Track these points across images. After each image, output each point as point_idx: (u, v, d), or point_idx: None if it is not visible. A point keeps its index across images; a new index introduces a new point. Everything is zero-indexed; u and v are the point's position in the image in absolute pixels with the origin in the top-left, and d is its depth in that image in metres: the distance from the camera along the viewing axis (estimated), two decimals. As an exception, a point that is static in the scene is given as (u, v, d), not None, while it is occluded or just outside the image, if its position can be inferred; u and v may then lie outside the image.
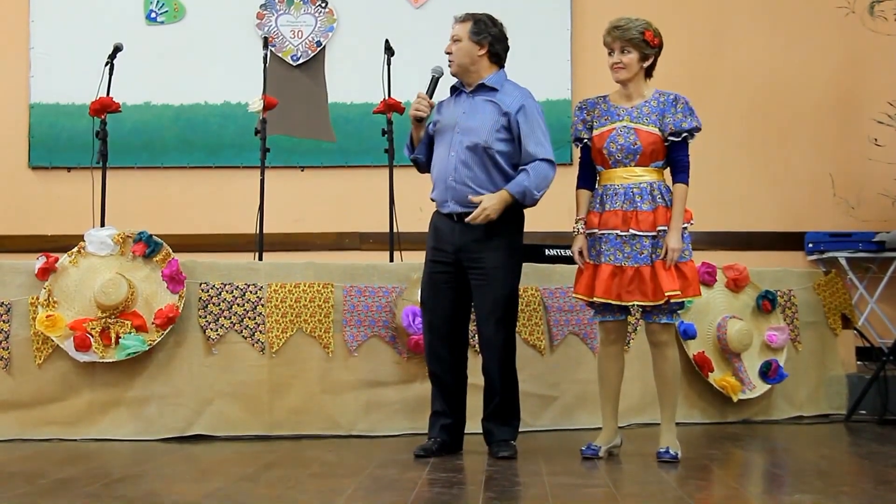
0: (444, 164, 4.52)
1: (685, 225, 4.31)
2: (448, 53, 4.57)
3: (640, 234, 4.26)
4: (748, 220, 7.28)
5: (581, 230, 4.41)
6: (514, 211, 4.51)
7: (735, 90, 7.35)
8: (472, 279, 4.52)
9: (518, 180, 4.45)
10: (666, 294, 4.20)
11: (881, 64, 7.29)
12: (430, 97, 4.57)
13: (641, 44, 4.32)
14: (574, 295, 4.45)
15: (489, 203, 4.38)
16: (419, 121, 4.55)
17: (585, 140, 4.46)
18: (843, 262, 6.98)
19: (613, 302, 4.30)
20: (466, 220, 4.41)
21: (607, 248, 4.30)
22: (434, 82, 4.59)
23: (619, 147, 4.32)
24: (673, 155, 4.35)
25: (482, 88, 4.57)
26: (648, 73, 4.41)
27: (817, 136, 7.36)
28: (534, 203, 4.51)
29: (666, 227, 4.26)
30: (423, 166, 4.70)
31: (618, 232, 4.29)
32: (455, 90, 4.66)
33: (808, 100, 7.37)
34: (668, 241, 4.24)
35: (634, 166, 4.33)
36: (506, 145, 4.50)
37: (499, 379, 4.52)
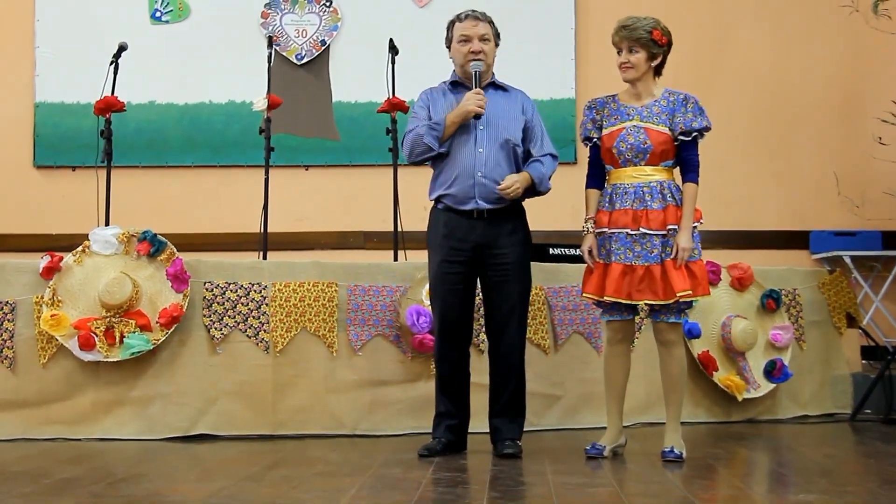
0: (468, 160, 4.49)
1: (695, 224, 4.31)
2: (478, 52, 4.54)
3: (651, 232, 4.25)
4: (752, 218, 7.27)
5: (591, 229, 4.40)
6: (523, 208, 4.61)
7: (739, 89, 7.34)
8: (491, 276, 4.51)
9: (536, 167, 4.54)
10: (677, 294, 4.20)
11: (885, 62, 7.28)
12: None
13: (649, 43, 4.30)
14: (584, 295, 4.43)
15: (518, 179, 4.45)
16: (477, 117, 4.48)
17: (595, 139, 4.45)
18: (848, 260, 6.97)
19: (624, 301, 4.29)
20: (499, 189, 4.42)
21: (617, 247, 4.29)
22: (479, 77, 4.53)
23: (629, 146, 4.31)
24: (683, 154, 4.34)
25: (490, 87, 4.60)
26: (657, 71, 4.41)
27: (821, 135, 7.35)
28: (546, 191, 4.59)
29: (676, 226, 4.25)
30: (433, 158, 4.60)
31: (628, 231, 4.28)
32: (457, 86, 4.64)
33: (812, 98, 7.36)
34: (679, 241, 4.23)
35: (644, 165, 4.32)
36: (523, 143, 4.60)
37: (515, 376, 4.55)
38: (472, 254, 4.50)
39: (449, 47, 4.69)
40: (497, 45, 4.66)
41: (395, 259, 5.78)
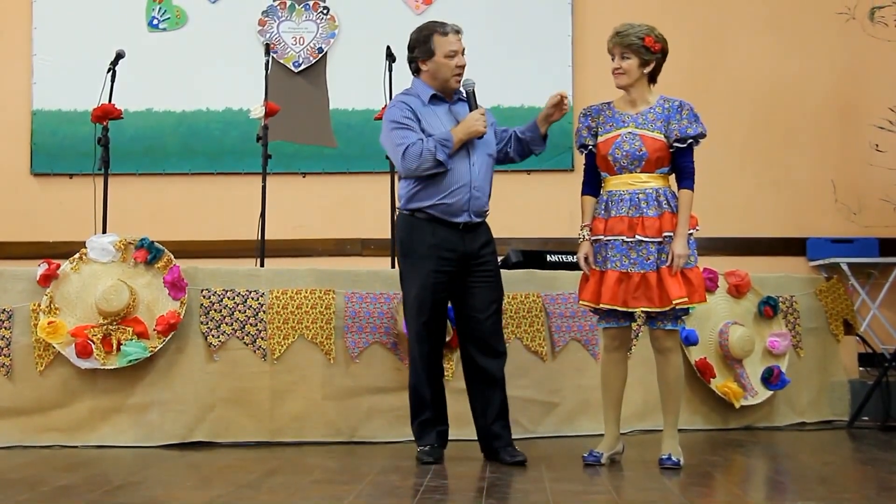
0: (464, 173, 4.49)
1: (691, 231, 4.30)
2: (463, 66, 4.57)
3: (646, 239, 4.25)
4: (750, 225, 7.28)
5: (586, 237, 4.41)
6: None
7: (736, 96, 7.35)
8: (475, 281, 4.53)
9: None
10: (673, 301, 4.19)
11: (882, 69, 7.30)
12: None
13: (641, 50, 4.31)
14: (581, 302, 4.44)
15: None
16: (479, 137, 4.49)
17: (590, 147, 4.46)
18: (845, 267, 6.98)
19: (620, 308, 4.29)
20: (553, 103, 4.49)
21: (613, 254, 4.30)
22: (475, 95, 4.55)
23: (624, 153, 4.32)
24: (678, 161, 4.34)
25: (459, 101, 4.63)
26: (652, 79, 4.40)
27: (819, 142, 7.37)
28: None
29: (672, 234, 4.25)
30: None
31: (624, 238, 4.28)
32: (435, 99, 4.61)
33: (809, 105, 7.37)
34: (674, 248, 4.23)
35: (640, 172, 4.32)
36: (497, 143, 4.70)
37: (503, 381, 4.56)
38: (458, 264, 4.51)
39: (423, 59, 4.61)
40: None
41: (393, 266, 5.77)
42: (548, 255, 5.70)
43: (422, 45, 4.61)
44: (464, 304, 4.57)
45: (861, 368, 6.36)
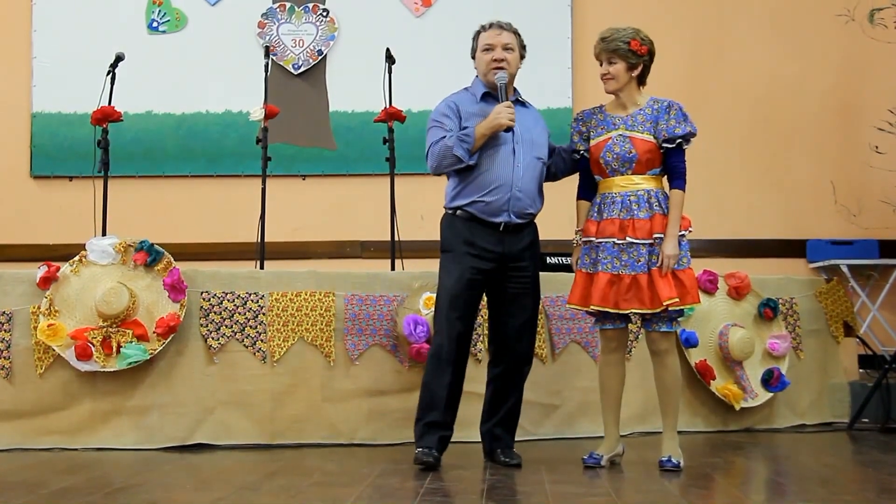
0: (507, 173, 4.44)
1: (683, 232, 4.30)
2: (500, 60, 4.51)
3: (637, 241, 4.25)
4: (750, 227, 7.28)
5: (579, 241, 4.41)
6: (536, 223, 4.62)
7: (736, 98, 7.35)
8: (510, 287, 4.50)
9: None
10: (664, 303, 4.19)
11: (881, 71, 7.30)
12: None
13: (627, 53, 4.31)
14: (568, 305, 4.45)
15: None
16: (508, 130, 4.41)
17: (582, 152, 4.46)
18: (845, 269, 6.98)
19: (611, 310, 4.29)
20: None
21: (604, 256, 4.29)
22: (505, 89, 4.48)
23: (614, 156, 4.32)
24: (668, 162, 4.34)
25: (515, 102, 4.56)
26: (641, 80, 4.40)
27: (818, 144, 7.37)
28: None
29: (662, 235, 4.25)
30: (462, 168, 4.50)
31: (615, 240, 4.28)
32: (487, 97, 4.57)
33: (808, 107, 7.38)
34: (664, 248, 4.22)
35: (631, 174, 4.32)
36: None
37: (520, 388, 4.58)
38: (495, 265, 4.47)
39: (472, 56, 4.66)
40: (522, 56, 4.63)
41: (393, 268, 5.78)
42: (548, 257, 5.70)
43: (472, 43, 4.66)
44: (498, 310, 4.56)
45: (861, 370, 6.37)
